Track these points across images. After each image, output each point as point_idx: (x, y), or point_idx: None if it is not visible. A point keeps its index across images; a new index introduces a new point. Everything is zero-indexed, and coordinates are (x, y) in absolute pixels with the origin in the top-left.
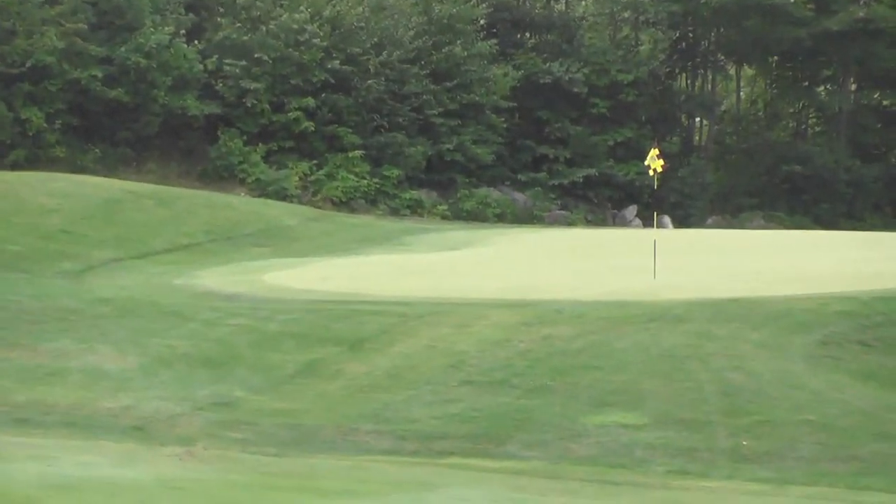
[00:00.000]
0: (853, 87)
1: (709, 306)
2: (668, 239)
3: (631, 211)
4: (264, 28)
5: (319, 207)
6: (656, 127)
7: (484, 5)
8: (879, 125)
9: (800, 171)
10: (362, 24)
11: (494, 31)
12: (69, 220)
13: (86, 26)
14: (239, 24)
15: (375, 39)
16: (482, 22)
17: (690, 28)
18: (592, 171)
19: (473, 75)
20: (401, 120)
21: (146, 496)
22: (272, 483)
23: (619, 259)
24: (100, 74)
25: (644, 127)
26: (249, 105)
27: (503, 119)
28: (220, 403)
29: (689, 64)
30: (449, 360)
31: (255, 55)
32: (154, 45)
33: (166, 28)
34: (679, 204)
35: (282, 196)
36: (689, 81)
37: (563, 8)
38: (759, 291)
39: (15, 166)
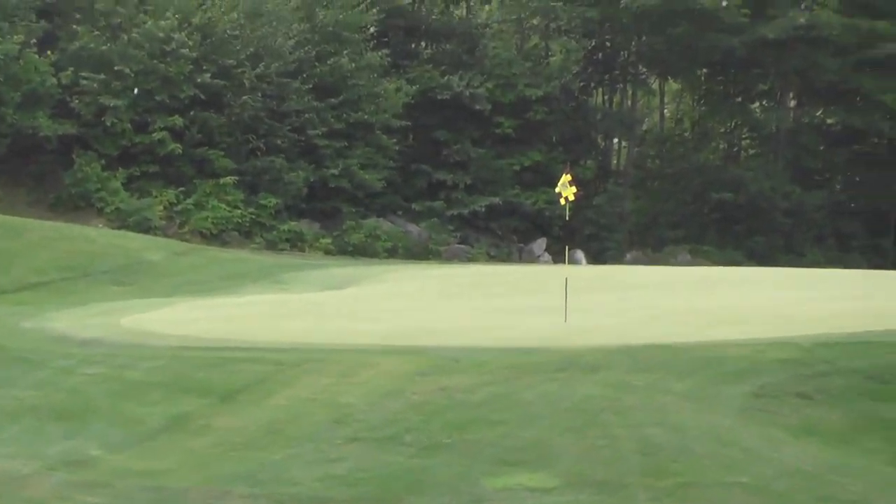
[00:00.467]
0: (793, 102)
1: (627, 353)
2: (582, 276)
3: (539, 245)
4: (126, 37)
5: (187, 240)
6: (569, 149)
7: (374, 11)
8: (822, 147)
9: (731, 200)
10: (236, 33)
11: (386, 40)
12: None
13: None
14: (97, 32)
15: (251, 49)
16: (372, 30)
17: (608, 36)
18: (496, 200)
19: (362, 90)
20: (279, 141)
21: None
22: None
23: (525, 299)
24: None
25: (555, 149)
26: (109, 124)
27: (395, 140)
28: (74, 462)
29: (607, 77)
30: (333, 414)
31: (116, 67)
32: (1, 57)
33: (16, 37)
34: (594, 237)
35: (145, 228)
36: (606, 97)
37: (464, 14)
38: (684, 336)
39: None
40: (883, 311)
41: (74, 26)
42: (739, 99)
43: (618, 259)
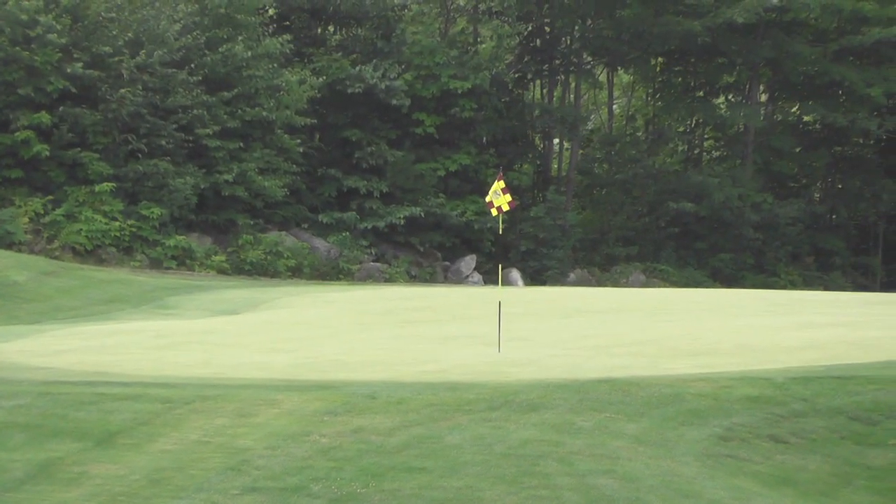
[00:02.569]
0: (763, 97)
1: (571, 389)
2: (518, 300)
3: (468, 263)
4: None
5: (57, 258)
6: (502, 151)
7: None
8: (799, 148)
9: (692, 210)
10: (112, 15)
11: (287, 24)
12: None
13: None
14: None
15: (130, 35)
16: (271, 12)
17: (547, 20)
18: (417, 211)
19: (260, 83)
20: (164, 142)
21: None
22: None
23: (452, 327)
24: None
25: (485, 151)
26: None
27: (299, 141)
28: None
29: (546, 68)
30: (228, 461)
31: None
32: None
33: None
34: (532, 254)
35: (6, 243)
36: (545, 91)
37: None
38: (637, 369)
39: None
40: (868, 341)
41: None
42: (701, 93)
43: (560, 280)
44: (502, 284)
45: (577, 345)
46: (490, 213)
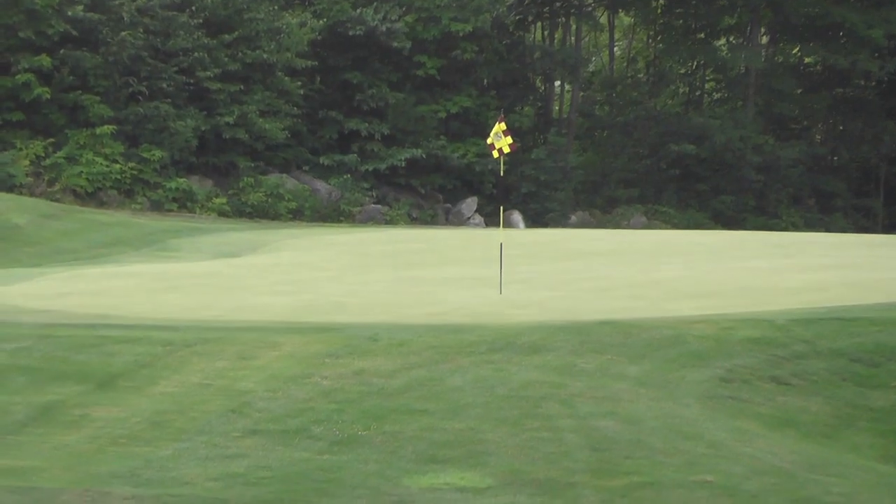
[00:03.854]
0: (764, 39)
1: (573, 331)
2: (520, 242)
3: (469, 205)
4: None
5: (58, 200)
6: (503, 93)
7: None
8: (800, 90)
9: (693, 153)
10: None
11: None
12: None
13: None
14: None
15: None
16: None
17: None
18: (418, 153)
19: (260, 25)
20: (164, 85)
21: None
22: None
23: (453, 269)
24: None
25: (486, 94)
26: None
27: (300, 84)
28: None
29: (546, 10)
30: (229, 403)
31: None
32: None
33: None
34: (533, 196)
35: (7, 186)
36: (545, 33)
37: None
38: (638, 311)
39: None
40: (870, 282)
41: None
42: (702, 35)
43: (561, 222)
44: (503, 227)
45: (579, 287)
46: (491, 155)
